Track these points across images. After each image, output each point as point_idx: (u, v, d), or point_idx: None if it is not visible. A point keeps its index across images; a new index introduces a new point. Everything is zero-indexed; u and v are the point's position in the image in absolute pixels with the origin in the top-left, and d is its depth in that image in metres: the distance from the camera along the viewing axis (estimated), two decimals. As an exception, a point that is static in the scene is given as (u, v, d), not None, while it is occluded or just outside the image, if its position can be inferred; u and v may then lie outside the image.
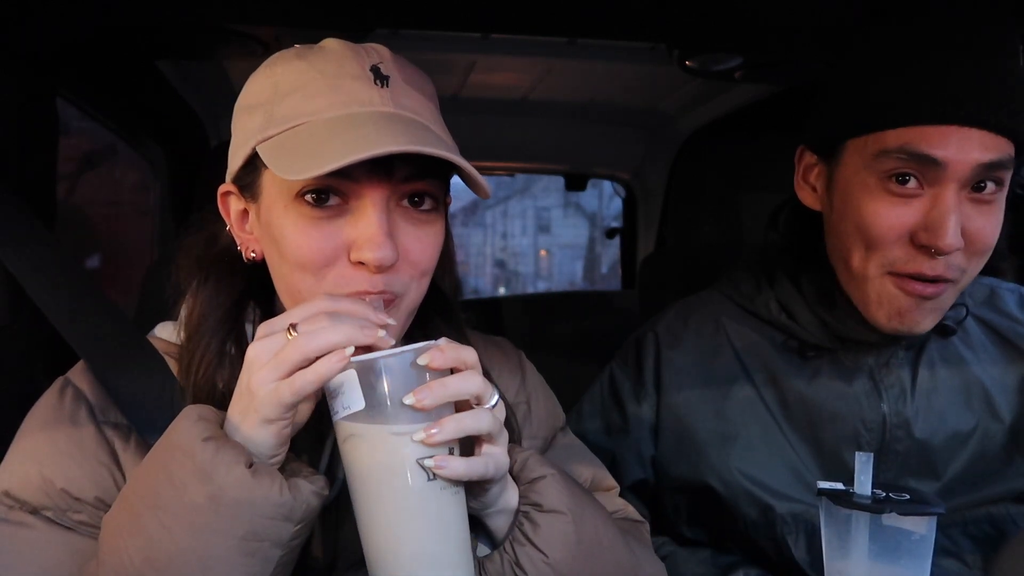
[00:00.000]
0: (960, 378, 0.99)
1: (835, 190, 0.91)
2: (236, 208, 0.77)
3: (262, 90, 0.72)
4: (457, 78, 1.77)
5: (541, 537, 0.68)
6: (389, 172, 0.68)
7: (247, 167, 0.73)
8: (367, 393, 0.60)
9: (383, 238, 0.67)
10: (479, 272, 23.83)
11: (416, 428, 0.60)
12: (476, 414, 0.63)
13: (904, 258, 0.85)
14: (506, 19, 1.13)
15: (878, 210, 0.85)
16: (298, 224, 0.69)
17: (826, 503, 0.78)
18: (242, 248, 0.77)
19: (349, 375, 0.60)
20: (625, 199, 2.61)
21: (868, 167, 0.86)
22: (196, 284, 0.77)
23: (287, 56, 0.73)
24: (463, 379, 0.62)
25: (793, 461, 0.97)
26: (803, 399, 0.97)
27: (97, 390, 0.75)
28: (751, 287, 1.03)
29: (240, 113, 0.75)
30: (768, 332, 1.01)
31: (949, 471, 0.96)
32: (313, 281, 0.70)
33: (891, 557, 0.74)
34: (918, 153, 0.82)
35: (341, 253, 0.69)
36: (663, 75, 1.74)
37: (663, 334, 1.06)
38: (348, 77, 0.70)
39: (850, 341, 0.95)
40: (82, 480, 0.70)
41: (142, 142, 1.77)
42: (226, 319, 0.75)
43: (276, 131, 0.69)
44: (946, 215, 0.81)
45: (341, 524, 0.76)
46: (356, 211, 0.69)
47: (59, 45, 1.09)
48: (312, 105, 0.69)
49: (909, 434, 0.95)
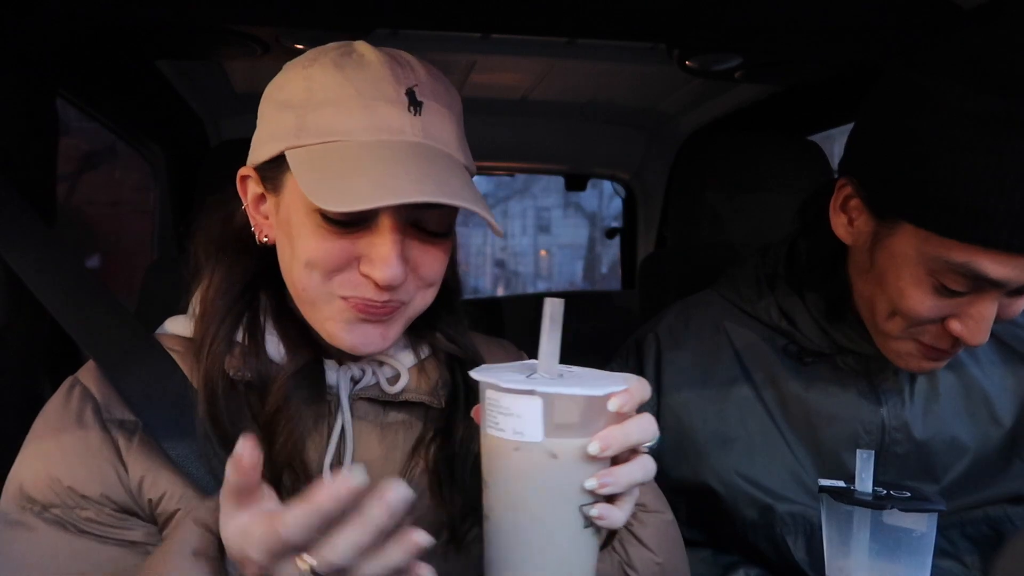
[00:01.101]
0: (960, 382, 0.99)
1: (878, 252, 0.86)
2: (254, 192, 0.77)
3: (296, 91, 0.72)
4: (457, 78, 1.77)
5: (650, 537, 0.70)
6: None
7: (273, 162, 0.73)
8: (545, 423, 0.56)
9: (395, 259, 0.69)
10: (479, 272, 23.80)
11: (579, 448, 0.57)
12: (645, 465, 0.61)
13: (931, 335, 0.85)
14: (506, 19, 1.13)
15: (923, 301, 0.82)
16: (315, 232, 0.70)
17: (827, 500, 0.78)
18: (256, 230, 0.78)
19: (534, 405, 0.56)
20: (625, 199, 2.61)
21: (921, 260, 0.81)
22: (212, 263, 0.77)
23: (324, 63, 0.73)
24: (642, 425, 0.60)
25: (792, 463, 0.97)
26: (802, 401, 0.97)
27: (104, 388, 0.76)
28: (752, 291, 1.03)
29: (270, 105, 0.75)
30: (768, 335, 1.01)
31: (948, 475, 0.96)
32: (320, 281, 0.71)
33: (892, 554, 0.74)
34: (983, 275, 0.78)
35: (352, 262, 0.70)
36: (663, 75, 1.74)
37: (663, 335, 1.05)
38: (383, 100, 0.70)
39: (850, 349, 0.95)
40: (88, 478, 0.71)
41: (142, 142, 1.77)
42: (238, 300, 0.76)
43: (308, 142, 0.70)
44: (986, 320, 0.81)
45: None
46: (372, 229, 0.70)
47: (59, 45, 1.09)
48: (345, 124, 0.70)
49: (909, 437, 0.95)
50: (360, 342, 0.73)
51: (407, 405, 0.81)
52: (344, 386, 0.78)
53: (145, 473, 0.72)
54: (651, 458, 0.61)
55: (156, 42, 1.31)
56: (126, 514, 0.72)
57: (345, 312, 0.72)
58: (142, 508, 0.73)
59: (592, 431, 0.57)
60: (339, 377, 0.78)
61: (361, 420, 0.79)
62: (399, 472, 0.79)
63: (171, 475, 0.73)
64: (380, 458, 0.79)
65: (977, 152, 0.75)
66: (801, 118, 1.73)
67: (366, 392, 0.80)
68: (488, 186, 23.47)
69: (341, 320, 0.72)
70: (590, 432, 0.57)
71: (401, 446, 0.80)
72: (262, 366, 0.75)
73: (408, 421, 0.81)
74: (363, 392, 0.80)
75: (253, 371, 0.75)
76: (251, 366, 0.75)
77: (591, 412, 0.57)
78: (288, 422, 0.73)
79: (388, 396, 0.80)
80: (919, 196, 0.79)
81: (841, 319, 0.94)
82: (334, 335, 0.73)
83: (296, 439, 0.73)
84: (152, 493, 0.72)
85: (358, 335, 0.73)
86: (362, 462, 0.78)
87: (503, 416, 0.57)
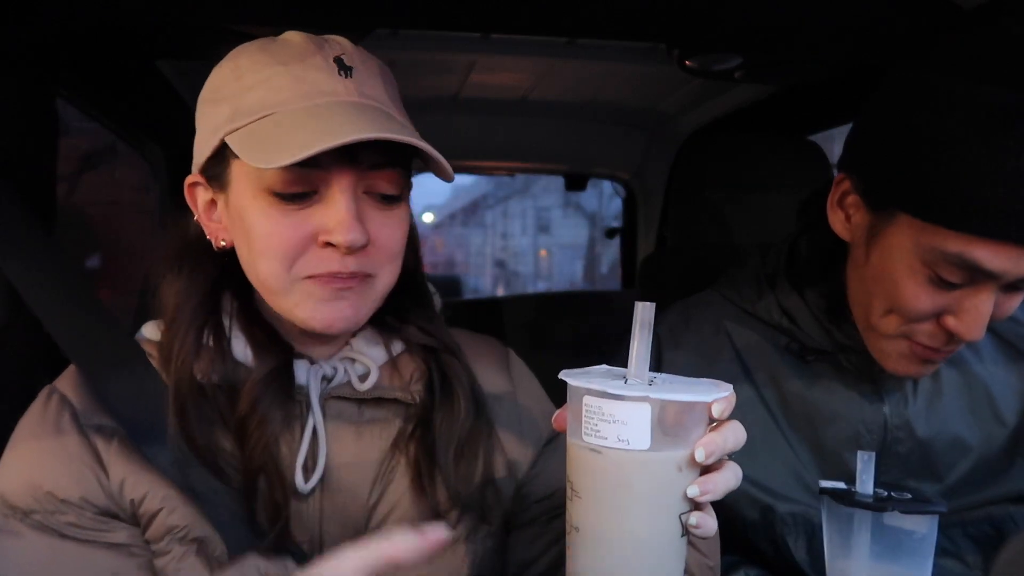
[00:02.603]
0: (963, 381, 0.99)
1: (875, 245, 0.87)
2: (204, 199, 0.78)
3: (226, 82, 0.74)
4: (457, 78, 1.77)
5: (703, 542, 0.72)
6: (355, 160, 0.70)
7: (215, 158, 0.74)
8: (653, 430, 0.55)
9: (353, 221, 0.69)
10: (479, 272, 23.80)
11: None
12: (736, 472, 0.60)
13: (927, 332, 0.85)
14: (506, 19, 1.13)
15: (918, 294, 0.82)
16: (268, 214, 0.70)
17: (828, 502, 0.78)
18: (211, 238, 0.78)
19: (642, 411, 0.55)
20: (625, 199, 2.61)
21: (917, 251, 0.81)
22: (170, 276, 0.78)
23: (249, 49, 0.75)
24: (736, 432, 0.60)
25: (793, 462, 0.97)
26: (804, 400, 0.97)
27: (82, 395, 0.76)
28: (753, 291, 1.03)
29: (205, 105, 0.76)
30: (769, 334, 1.01)
31: (951, 475, 0.96)
32: (282, 270, 0.71)
33: (893, 556, 0.74)
34: (977, 266, 0.78)
35: (310, 241, 0.71)
36: (663, 75, 1.74)
37: (664, 335, 1.05)
38: (312, 68, 0.72)
39: (852, 347, 0.95)
40: (67, 482, 0.71)
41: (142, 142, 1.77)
42: (201, 308, 0.76)
43: (244, 122, 0.71)
44: (982, 315, 0.81)
45: (324, 516, 0.77)
46: (325, 199, 0.70)
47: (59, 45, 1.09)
48: (278, 97, 0.70)
49: (911, 435, 0.95)
50: (332, 319, 0.72)
51: (383, 402, 0.81)
52: (315, 386, 0.78)
53: (126, 475, 0.72)
54: (738, 465, 0.61)
55: (156, 42, 1.31)
56: (107, 517, 0.72)
57: (313, 292, 0.72)
58: (123, 509, 0.73)
59: (692, 439, 0.56)
60: (309, 377, 0.78)
61: (336, 419, 0.79)
62: (377, 470, 0.79)
63: (152, 475, 0.73)
64: (356, 457, 0.79)
65: (973, 142, 0.76)
66: (801, 118, 1.73)
67: (339, 391, 0.79)
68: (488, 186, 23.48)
69: (310, 301, 0.72)
70: (691, 440, 0.56)
71: (378, 444, 0.80)
72: (229, 370, 0.75)
73: (384, 418, 0.81)
74: (336, 391, 0.79)
75: (221, 375, 0.75)
76: (218, 370, 0.75)
77: (694, 418, 0.57)
78: (259, 425, 0.73)
79: (361, 394, 0.79)
80: (915, 186, 0.80)
81: (842, 317, 0.94)
82: (305, 318, 0.73)
83: (268, 441, 0.73)
84: (134, 493, 0.72)
85: (328, 312, 0.72)
86: (337, 462, 0.78)
87: (606, 423, 0.55)
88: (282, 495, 0.73)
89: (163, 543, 0.72)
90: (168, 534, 0.72)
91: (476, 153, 2.40)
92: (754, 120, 1.80)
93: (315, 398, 0.77)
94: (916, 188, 0.80)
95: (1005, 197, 0.75)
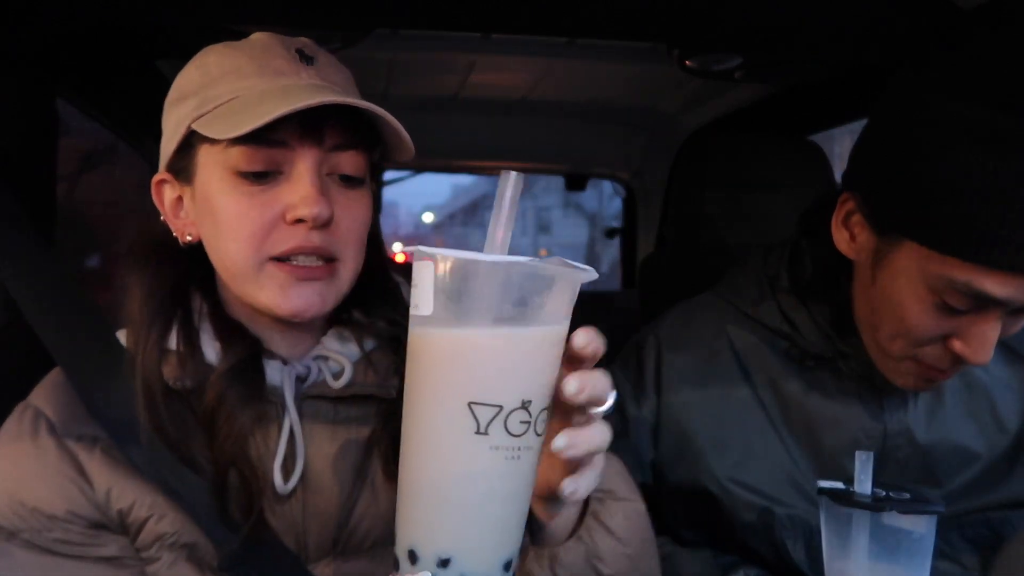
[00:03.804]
0: (964, 386, 0.99)
1: (880, 268, 0.85)
2: (170, 196, 0.79)
3: (192, 79, 0.76)
4: (457, 78, 1.77)
5: (619, 525, 0.65)
6: (320, 139, 0.72)
7: (181, 150, 0.75)
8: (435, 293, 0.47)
9: (318, 195, 0.71)
10: (479, 272, 23.68)
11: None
12: (604, 431, 0.56)
13: (933, 355, 0.85)
14: (506, 19, 1.13)
15: (924, 319, 0.82)
16: (235, 196, 0.71)
17: (826, 502, 0.78)
18: (178, 234, 0.79)
19: (426, 271, 0.48)
20: (625, 199, 2.61)
21: (923, 278, 0.80)
22: (136, 276, 0.78)
23: (215, 48, 0.77)
24: (596, 381, 0.53)
25: (790, 468, 0.97)
26: (802, 405, 0.97)
27: (59, 406, 0.75)
28: (753, 294, 1.02)
29: (171, 107, 0.77)
30: (769, 338, 1.00)
31: (951, 482, 0.96)
32: (250, 251, 0.72)
33: (891, 556, 0.74)
34: (985, 295, 0.77)
35: (278, 220, 0.72)
36: (663, 75, 1.74)
37: (664, 337, 1.05)
38: (275, 57, 0.74)
39: (852, 355, 0.95)
40: (51, 497, 0.71)
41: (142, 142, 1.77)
42: (164, 307, 0.76)
43: (210, 108, 0.72)
44: (989, 340, 0.80)
45: (307, 515, 0.76)
46: (290, 177, 0.72)
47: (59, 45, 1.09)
48: (243, 84, 0.72)
49: (910, 441, 0.95)
50: (297, 305, 0.73)
51: (359, 399, 0.80)
52: (289, 385, 0.77)
53: (112, 484, 0.72)
54: (607, 425, 0.55)
55: (156, 42, 1.31)
56: (96, 529, 0.72)
57: (279, 276, 0.72)
58: (111, 520, 0.72)
59: (481, 312, 0.47)
60: (283, 377, 0.78)
61: (312, 419, 0.79)
62: (356, 468, 0.79)
63: (138, 483, 0.72)
64: (335, 456, 0.78)
65: (981, 172, 0.75)
66: (801, 118, 1.73)
67: (314, 390, 0.79)
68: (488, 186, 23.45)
69: (277, 286, 0.72)
70: (480, 313, 0.47)
71: (356, 442, 0.79)
72: (199, 370, 0.75)
73: (361, 416, 0.80)
74: (311, 390, 0.79)
75: (191, 376, 0.74)
76: (189, 372, 0.75)
77: (482, 287, 0.47)
78: (228, 419, 0.73)
79: (337, 392, 0.79)
80: (922, 214, 0.79)
81: (847, 330, 0.94)
82: (271, 304, 0.73)
83: (236, 435, 0.73)
84: (121, 503, 0.72)
85: (295, 296, 0.73)
86: (316, 462, 0.77)
87: (414, 288, 0.50)
88: (256, 489, 0.73)
89: (153, 550, 0.72)
90: (158, 541, 0.72)
91: (476, 153, 2.40)
92: (754, 120, 1.80)
93: (290, 398, 0.77)
94: (923, 217, 0.79)
95: (1014, 227, 0.74)
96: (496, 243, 0.51)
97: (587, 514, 0.66)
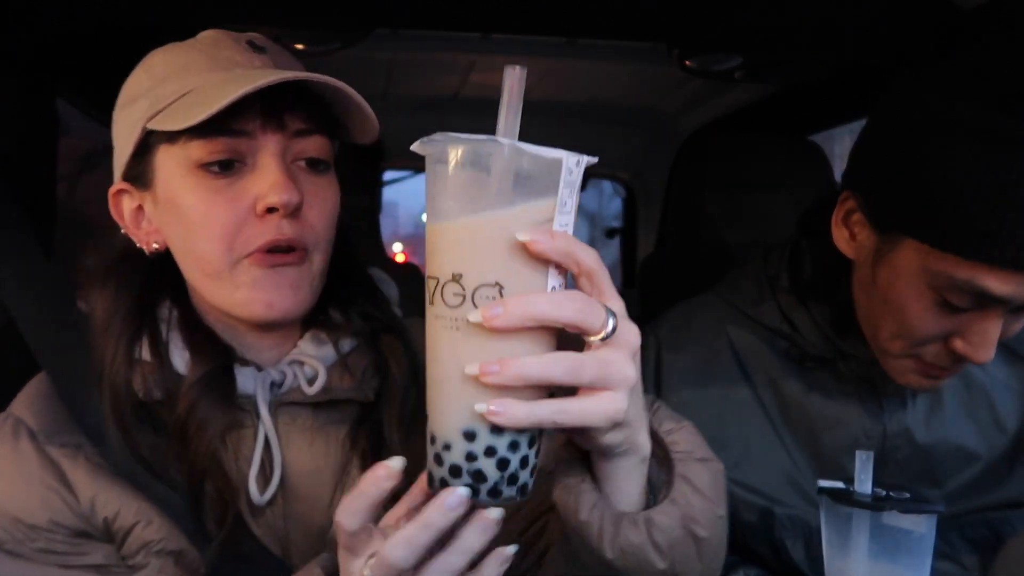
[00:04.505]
0: (963, 386, 0.99)
1: (881, 267, 0.85)
2: (130, 207, 0.76)
3: (140, 82, 0.74)
4: (457, 78, 1.77)
5: (708, 486, 0.60)
6: (281, 125, 0.70)
7: (137, 155, 0.73)
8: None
9: (286, 181, 0.69)
10: (479, 272, 23.68)
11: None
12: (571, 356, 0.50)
13: (934, 353, 0.85)
14: (506, 19, 1.13)
15: (925, 318, 0.82)
16: (201, 193, 0.70)
17: (827, 501, 0.78)
18: (142, 245, 0.76)
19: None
20: (625, 199, 2.61)
21: (924, 275, 0.80)
22: (96, 290, 0.76)
23: (161, 49, 0.75)
24: (571, 248, 0.50)
25: (789, 468, 0.97)
26: (802, 405, 0.97)
27: (40, 414, 0.74)
28: (754, 294, 1.02)
29: (121, 112, 0.75)
30: (769, 338, 1.00)
31: (951, 482, 0.96)
32: (223, 248, 0.70)
33: (891, 556, 0.74)
34: (986, 292, 0.77)
35: (248, 214, 0.70)
36: (663, 75, 1.74)
37: (664, 337, 1.05)
38: (225, 50, 0.73)
39: (852, 355, 0.95)
40: (33, 506, 0.69)
41: (142, 142, 1.77)
42: (130, 318, 0.74)
43: (163, 105, 0.70)
44: (991, 339, 0.80)
45: (288, 523, 0.75)
46: (255, 167, 0.70)
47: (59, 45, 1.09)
48: (195, 79, 0.71)
49: (909, 442, 0.95)
50: (272, 300, 0.71)
51: (337, 404, 0.79)
52: (262, 393, 0.75)
53: (96, 492, 0.71)
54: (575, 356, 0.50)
55: (156, 42, 1.31)
56: (80, 538, 0.71)
57: (253, 272, 0.71)
58: (96, 528, 0.71)
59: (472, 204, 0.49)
60: (256, 384, 0.76)
61: (290, 426, 0.77)
62: (336, 474, 0.77)
63: (124, 490, 0.71)
64: (314, 463, 0.77)
65: (982, 169, 0.75)
66: (801, 118, 1.73)
67: (289, 396, 0.77)
68: (488, 186, 23.43)
69: (250, 282, 0.71)
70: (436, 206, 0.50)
71: (335, 447, 0.78)
72: (169, 382, 0.73)
73: (340, 420, 0.79)
74: (286, 396, 0.77)
75: (160, 388, 0.73)
76: (158, 383, 0.73)
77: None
78: (198, 430, 0.71)
79: (311, 398, 0.77)
80: (923, 212, 0.79)
81: (848, 330, 0.94)
82: (246, 302, 0.71)
83: (208, 445, 0.71)
84: (107, 511, 0.71)
85: (269, 291, 0.71)
86: (295, 470, 0.76)
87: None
88: (230, 501, 0.72)
89: (139, 557, 0.71)
90: (144, 548, 0.71)
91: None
92: (754, 120, 1.80)
93: (263, 406, 0.75)
94: (924, 215, 0.79)
95: (1014, 225, 0.74)
96: (502, 131, 0.53)
97: (676, 475, 0.60)
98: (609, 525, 0.57)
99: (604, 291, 0.52)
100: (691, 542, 0.59)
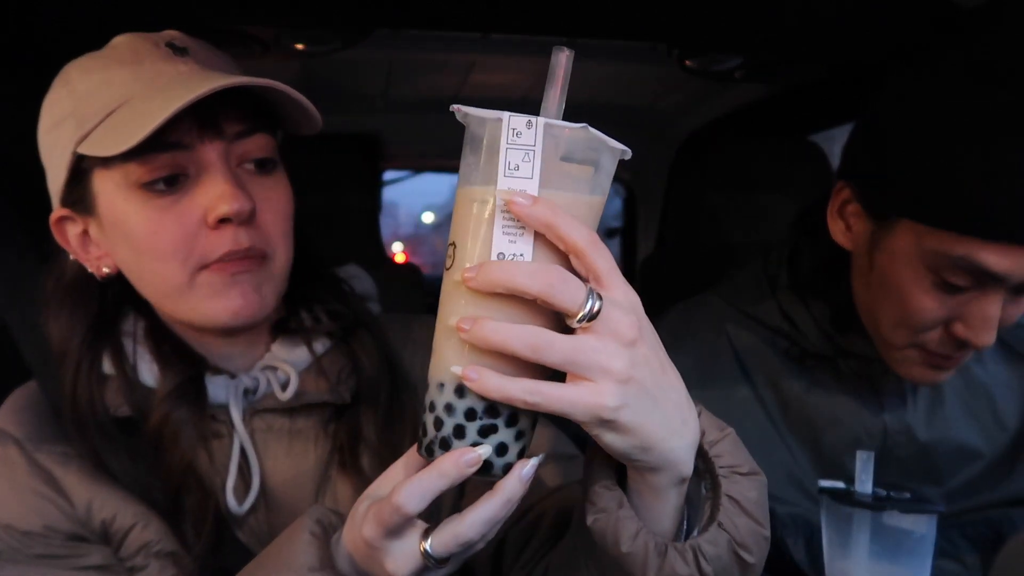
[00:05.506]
0: (964, 384, 0.99)
1: (877, 253, 0.86)
2: (74, 233, 0.74)
3: (61, 102, 0.71)
4: (457, 78, 1.77)
5: (754, 504, 0.56)
6: (219, 131, 0.68)
7: (73, 180, 0.70)
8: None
9: (235, 189, 0.67)
10: (479, 272, 23.68)
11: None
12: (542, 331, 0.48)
13: (936, 340, 0.84)
14: (506, 19, 1.13)
15: (923, 301, 0.82)
16: (146, 213, 0.67)
17: (827, 502, 0.78)
18: (93, 270, 0.74)
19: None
20: (625, 199, 2.61)
21: (921, 256, 0.80)
22: (51, 316, 0.74)
23: (75, 63, 0.72)
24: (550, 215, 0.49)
25: (791, 466, 0.97)
26: (803, 404, 0.97)
27: (24, 425, 0.73)
28: (754, 293, 1.02)
29: (47, 134, 0.72)
30: (769, 337, 1.00)
31: (952, 480, 0.96)
32: (178, 266, 0.68)
33: (892, 556, 0.74)
34: (984, 268, 0.77)
35: (199, 227, 0.68)
36: (663, 75, 1.73)
37: (663, 336, 1.04)
38: (146, 56, 0.69)
39: (852, 353, 0.95)
40: (24, 513, 0.69)
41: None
42: (88, 342, 0.73)
43: (91, 126, 0.67)
44: (991, 319, 0.80)
45: (272, 528, 0.75)
46: (200, 179, 0.68)
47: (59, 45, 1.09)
48: (119, 92, 0.67)
49: (911, 439, 0.95)
50: (236, 306, 0.70)
51: (314, 408, 0.78)
52: (235, 402, 0.74)
53: (92, 496, 0.70)
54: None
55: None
56: (76, 542, 0.70)
57: (212, 282, 0.69)
58: (93, 531, 0.71)
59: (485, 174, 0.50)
60: (229, 393, 0.74)
61: (266, 433, 0.76)
62: (317, 480, 0.76)
63: (119, 492, 0.71)
64: (293, 469, 0.76)
65: (974, 144, 0.75)
66: (801, 118, 1.73)
67: (263, 403, 0.76)
68: (488, 186, 23.45)
69: (212, 292, 0.69)
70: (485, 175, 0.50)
71: (313, 452, 0.77)
72: (139, 396, 0.72)
73: (317, 424, 0.78)
74: (261, 404, 0.76)
75: (131, 403, 0.72)
76: (127, 399, 0.72)
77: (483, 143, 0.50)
78: (172, 443, 0.71)
79: (286, 404, 0.76)
80: (917, 191, 0.79)
81: (848, 326, 0.94)
82: (210, 313, 0.70)
83: (182, 457, 0.71)
84: (104, 514, 0.70)
85: (232, 298, 0.69)
86: (274, 478, 0.75)
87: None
88: (208, 512, 0.71)
89: (139, 558, 0.71)
90: (143, 549, 0.70)
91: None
92: (754, 120, 1.80)
93: (236, 415, 0.74)
94: (918, 193, 0.79)
95: (1010, 198, 0.74)
96: (551, 110, 0.53)
97: (721, 495, 0.56)
98: (655, 557, 0.53)
99: (600, 276, 0.50)
100: (737, 569, 0.55)
